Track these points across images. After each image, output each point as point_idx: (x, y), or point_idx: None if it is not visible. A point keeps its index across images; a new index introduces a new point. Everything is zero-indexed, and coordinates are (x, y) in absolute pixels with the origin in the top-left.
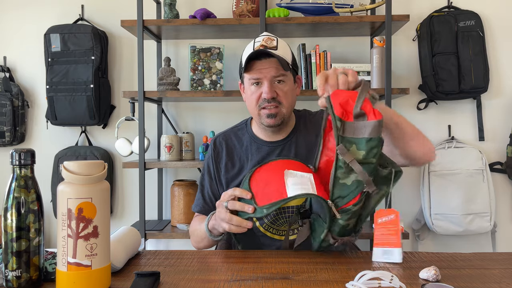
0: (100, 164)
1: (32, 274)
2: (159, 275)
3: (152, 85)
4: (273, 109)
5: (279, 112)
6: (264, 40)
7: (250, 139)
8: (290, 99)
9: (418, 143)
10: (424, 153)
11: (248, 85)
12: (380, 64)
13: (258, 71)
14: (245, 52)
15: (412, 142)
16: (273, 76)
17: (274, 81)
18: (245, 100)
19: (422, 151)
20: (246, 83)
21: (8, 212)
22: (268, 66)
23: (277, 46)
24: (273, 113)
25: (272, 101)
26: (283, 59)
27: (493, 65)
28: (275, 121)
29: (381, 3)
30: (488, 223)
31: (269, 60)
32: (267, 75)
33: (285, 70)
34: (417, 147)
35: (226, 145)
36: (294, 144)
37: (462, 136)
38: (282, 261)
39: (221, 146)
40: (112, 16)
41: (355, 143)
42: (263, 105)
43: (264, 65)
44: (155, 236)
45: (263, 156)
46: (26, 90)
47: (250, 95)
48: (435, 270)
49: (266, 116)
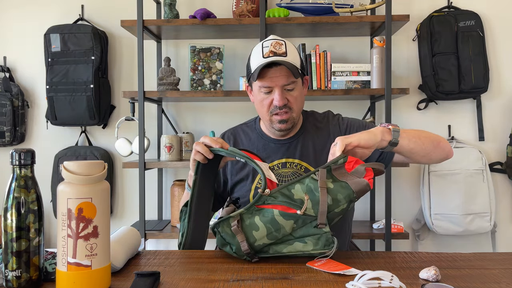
0: (100, 164)
1: (32, 274)
2: (159, 275)
3: (152, 85)
4: (285, 115)
5: (290, 117)
6: (272, 45)
7: (258, 136)
8: (300, 104)
9: (438, 152)
10: (444, 157)
11: (257, 90)
12: (380, 64)
13: (269, 80)
14: (253, 56)
15: (433, 155)
16: (284, 84)
17: (285, 88)
18: (253, 101)
19: (442, 157)
20: (255, 89)
21: (8, 212)
22: (279, 74)
23: (287, 52)
24: (284, 119)
25: (283, 108)
26: (293, 67)
27: (493, 65)
28: (286, 126)
29: (381, 3)
30: (488, 223)
31: (280, 67)
32: (278, 84)
33: (295, 78)
34: (438, 156)
35: (234, 139)
36: (300, 144)
37: (462, 136)
38: (282, 261)
39: (229, 140)
40: (112, 16)
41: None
42: (275, 111)
43: (275, 73)
44: (155, 236)
45: (269, 153)
46: (26, 90)
47: (261, 101)
48: (435, 270)
49: (278, 122)
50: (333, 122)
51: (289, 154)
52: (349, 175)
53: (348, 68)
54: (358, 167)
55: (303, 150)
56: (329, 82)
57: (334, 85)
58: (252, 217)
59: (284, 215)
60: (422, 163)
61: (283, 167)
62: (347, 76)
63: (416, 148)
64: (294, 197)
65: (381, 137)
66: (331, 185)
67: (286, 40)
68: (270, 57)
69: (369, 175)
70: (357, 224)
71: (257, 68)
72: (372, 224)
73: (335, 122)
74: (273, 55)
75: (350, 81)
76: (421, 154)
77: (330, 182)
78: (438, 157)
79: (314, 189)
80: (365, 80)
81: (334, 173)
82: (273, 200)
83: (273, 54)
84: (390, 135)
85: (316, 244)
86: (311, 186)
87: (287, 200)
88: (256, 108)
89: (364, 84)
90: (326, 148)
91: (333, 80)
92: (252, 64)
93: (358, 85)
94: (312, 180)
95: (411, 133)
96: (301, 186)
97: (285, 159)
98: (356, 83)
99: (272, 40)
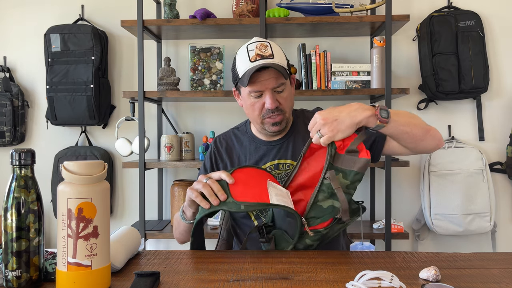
0: (100, 164)
1: (32, 274)
2: (159, 275)
3: (152, 85)
4: (278, 117)
5: (283, 118)
6: (258, 47)
7: (249, 139)
8: (290, 104)
9: (428, 141)
10: (433, 147)
11: (247, 95)
12: (380, 64)
13: (259, 84)
14: (239, 61)
15: (422, 143)
16: (274, 87)
17: (275, 90)
18: (241, 106)
19: (431, 146)
20: (245, 94)
21: (8, 212)
22: (268, 77)
23: (273, 53)
24: (278, 121)
25: (275, 111)
26: (282, 68)
27: (493, 65)
28: (280, 127)
29: (381, 3)
30: (488, 223)
31: (268, 70)
32: (268, 87)
33: (285, 79)
34: (427, 145)
35: (226, 145)
36: (291, 143)
37: (462, 136)
38: (282, 261)
39: (221, 145)
40: (112, 16)
41: (343, 172)
42: (268, 115)
43: (264, 77)
44: (155, 236)
45: (261, 156)
46: (26, 90)
47: (251, 105)
48: (435, 270)
49: (271, 124)
50: None
51: (281, 155)
52: (345, 156)
53: (348, 68)
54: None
55: (294, 150)
56: (329, 82)
57: (334, 85)
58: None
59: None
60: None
61: (276, 168)
62: (347, 76)
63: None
64: (324, 207)
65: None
66: (346, 181)
67: (270, 41)
68: (258, 60)
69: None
70: (357, 224)
71: (246, 73)
72: (372, 224)
73: None
74: (260, 58)
75: (350, 81)
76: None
77: (342, 178)
78: (426, 146)
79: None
80: (365, 80)
81: (335, 164)
82: (313, 220)
83: (260, 57)
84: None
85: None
86: (331, 191)
87: (322, 215)
88: (246, 112)
89: (364, 84)
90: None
91: (333, 80)
92: (239, 69)
93: (358, 85)
94: (327, 185)
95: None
96: (323, 195)
97: (277, 161)
98: (356, 83)
99: (256, 42)
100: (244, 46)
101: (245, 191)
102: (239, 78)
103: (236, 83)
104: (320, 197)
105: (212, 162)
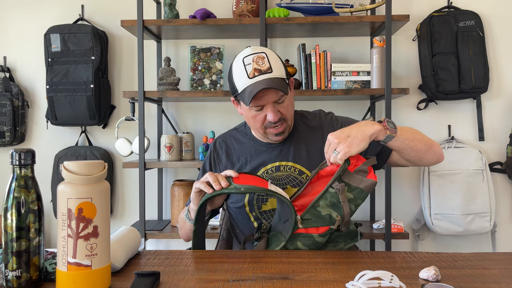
0: (100, 164)
1: (32, 274)
2: (159, 275)
3: (152, 85)
4: (280, 127)
5: (286, 127)
6: (254, 61)
7: (249, 141)
8: (292, 110)
9: (430, 155)
10: (434, 162)
11: (247, 108)
12: (380, 64)
13: (260, 100)
14: (237, 75)
15: (425, 157)
16: (274, 100)
17: (276, 102)
18: (241, 114)
19: (432, 161)
20: (245, 107)
21: (8, 212)
22: (268, 93)
23: (271, 66)
24: (281, 131)
25: (278, 121)
26: (281, 83)
27: (493, 65)
28: (283, 136)
29: (381, 3)
30: (488, 223)
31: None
32: (269, 101)
33: (286, 94)
34: (429, 159)
35: (226, 146)
36: (293, 146)
37: (462, 136)
38: (282, 261)
39: (221, 147)
40: (112, 16)
41: (348, 186)
42: (270, 126)
43: (264, 92)
44: (155, 236)
45: (262, 158)
46: (26, 90)
47: (253, 117)
48: (435, 270)
49: (274, 135)
50: (326, 120)
51: (282, 157)
52: (354, 174)
53: (348, 68)
54: (361, 166)
55: (296, 152)
56: (329, 82)
57: (334, 85)
58: (294, 242)
59: (323, 235)
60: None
61: (277, 170)
62: (347, 76)
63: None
64: (322, 213)
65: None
66: (350, 195)
67: (266, 50)
68: (256, 76)
69: (371, 171)
70: None
71: (247, 93)
72: (372, 224)
73: (328, 121)
74: (259, 73)
75: (350, 81)
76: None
77: (348, 192)
78: (428, 160)
79: (337, 202)
80: (365, 80)
81: (344, 179)
82: (307, 222)
83: (258, 73)
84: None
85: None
86: (334, 201)
87: (318, 220)
88: (247, 121)
89: (364, 84)
90: (319, 147)
91: (333, 80)
92: (237, 83)
93: (358, 85)
94: (332, 194)
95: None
96: (325, 202)
97: (279, 163)
98: (356, 83)
99: (252, 55)
100: (240, 58)
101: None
102: (238, 93)
103: (235, 95)
104: (321, 203)
105: (211, 164)
